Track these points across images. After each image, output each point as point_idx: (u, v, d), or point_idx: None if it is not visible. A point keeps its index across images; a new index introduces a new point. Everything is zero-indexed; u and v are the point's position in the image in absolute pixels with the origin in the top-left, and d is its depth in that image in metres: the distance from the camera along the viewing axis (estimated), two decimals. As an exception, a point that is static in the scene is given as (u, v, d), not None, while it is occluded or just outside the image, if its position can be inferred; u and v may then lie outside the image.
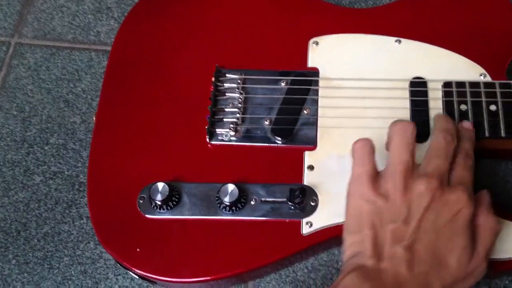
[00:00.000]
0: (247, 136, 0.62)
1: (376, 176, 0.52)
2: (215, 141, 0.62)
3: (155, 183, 0.58)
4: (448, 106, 0.60)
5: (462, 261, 0.49)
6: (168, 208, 0.58)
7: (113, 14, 0.79)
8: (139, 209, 0.59)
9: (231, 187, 0.58)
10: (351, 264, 0.50)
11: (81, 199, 0.67)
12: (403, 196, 0.49)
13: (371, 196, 0.50)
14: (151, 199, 0.58)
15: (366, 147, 0.53)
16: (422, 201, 0.49)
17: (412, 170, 0.50)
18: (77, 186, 0.68)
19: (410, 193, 0.49)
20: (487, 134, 0.58)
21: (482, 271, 0.50)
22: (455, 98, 0.60)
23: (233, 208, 0.57)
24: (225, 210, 0.58)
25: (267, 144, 0.61)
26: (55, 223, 0.65)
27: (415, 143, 0.52)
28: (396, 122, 0.53)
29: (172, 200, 0.58)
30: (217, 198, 0.58)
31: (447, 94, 0.61)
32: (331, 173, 0.59)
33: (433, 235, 0.49)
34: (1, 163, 0.69)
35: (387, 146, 0.54)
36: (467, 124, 0.57)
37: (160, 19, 0.71)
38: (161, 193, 0.58)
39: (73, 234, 0.64)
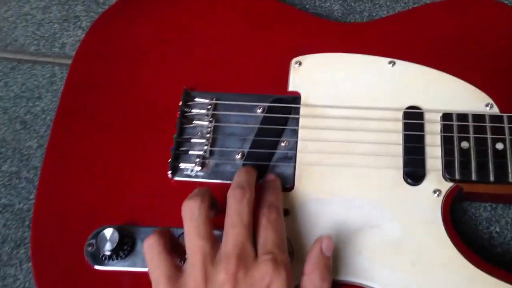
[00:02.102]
0: (216, 171, 0.54)
1: (176, 275, 0.45)
2: (179, 177, 0.54)
3: (104, 227, 0.51)
4: (447, 143, 0.52)
5: None
6: (119, 258, 0.51)
7: (81, 23, 0.72)
8: (86, 259, 0.51)
9: (191, 235, 0.50)
10: None
11: (32, 237, 0.59)
12: None
13: None
14: (99, 248, 0.50)
15: (156, 246, 0.46)
16: None
17: (211, 256, 0.45)
18: (27, 223, 0.60)
19: (212, 286, 0.44)
20: (491, 178, 0.49)
21: None
22: (455, 134, 0.52)
23: (193, 259, 0.50)
24: (184, 262, 0.50)
25: None
26: (1, 265, 0.58)
27: (208, 218, 0.46)
28: (183, 204, 0.48)
29: (124, 249, 0.51)
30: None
31: (446, 128, 0.52)
32: (309, 221, 0.51)
33: None
34: (-50, 192, 0.63)
35: None
36: (270, 176, 0.52)
37: (127, 33, 0.64)
38: (110, 241, 0.50)
39: (19, 279, 0.57)
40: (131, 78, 0.60)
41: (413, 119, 0.53)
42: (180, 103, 0.57)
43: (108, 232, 0.50)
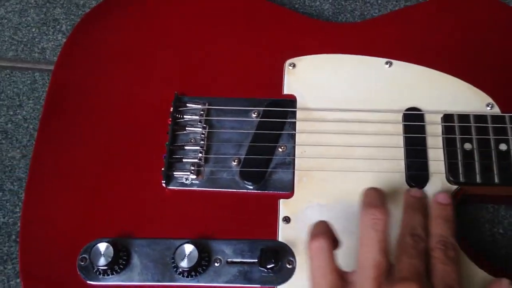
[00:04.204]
0: (212, 179, 0.52)
1: (342, 286, 0.42)
2: (173, 186, 0.52)
3: (97, 241, 0.48)
4: (449, 145, 0.51)
5: None
6: (115, 272, 0.48)
7: (61, 27, 0.69)
8: (79, 273, 0.49)
9: (188, 248, 0.48)
10: None
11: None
12: None
13: None
14: (92, 263, 0.48)
15: (325, 251, 0.43)
16: None
17: (386, 274, 0.42)
18: (14, 237, 0.57)
19: None
20: (496, 180, 0.49)
21: None
22: (457, 135, 0.51)
23: (192, 273, 0.48)
24: (183, 275, 0.48)
25: (235, 190, 0.52)
26: (-14, 284, 0.55)
27: (388, 237, 0.43)
28: (364, 210, 0.44)
29: (119, 263, 0.48)
30: (172, 261, 0.48)
31: (448, 129, 0.51)
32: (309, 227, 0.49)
33: None
34: None
35: None
36: (442, 198, 0.47)
37: (112, 35, 0.61)
38: (104, 256, 0.48)
39: (5, 297, 0.55)
40: (118, 84, 0.57)
41: (413, 121, 0.52)
42: (171, 109, 0.55)
43: (102, 246, 0.48)
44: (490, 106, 0.52)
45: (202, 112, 0.55)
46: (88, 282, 0.48)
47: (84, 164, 0.54)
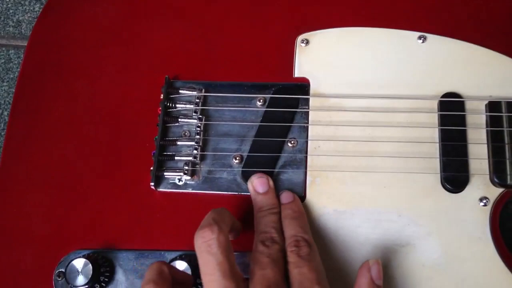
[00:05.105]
0: (209, 180, 0.46)
1: None
2: (164, 188, 0.46)
3: (75, 254, 0.42)
4: (495, 140, 0.43)
5: None
6: (95, 290, 0.42)
7: (39, -4, 0.61)
8: (55, 291, 0.42)
9: (181, 265, 0.42)
10: None
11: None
12: None
13: None
14: (69, 282, 0.41)
15: None
16: None
17: None
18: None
19: None
20: (554, 184, 0.41)
21: None
22: (505, 127, 0.43)
23: (186, 295, 0.41)
24: (175, 297, 0.41)
25: (236, 193, 0.45)
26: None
27: (230, 251, 0.39)
28: (195, 236, 0.40)
29: (101, 280, 0.42)
30: (162, 280, 0.41)
31: (493, 120, 0.44)
32: (325, 239, 0.43)
33: None
34: None
35: None
36: (284, 198, 0.44)
37: (96, 6, 0.53)
38: (82, 273, 0.41)
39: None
40: (102, 65, 0.50)
41: (451, 109, 0.45)
42: (162, 96, 0.47)
43: (79, 262, 0.41)
44: (546, 90, 0.44)
45: (197, 100, 0.47)
46: (65, 302, 0.42)
47: (61, 160, 0.47)
